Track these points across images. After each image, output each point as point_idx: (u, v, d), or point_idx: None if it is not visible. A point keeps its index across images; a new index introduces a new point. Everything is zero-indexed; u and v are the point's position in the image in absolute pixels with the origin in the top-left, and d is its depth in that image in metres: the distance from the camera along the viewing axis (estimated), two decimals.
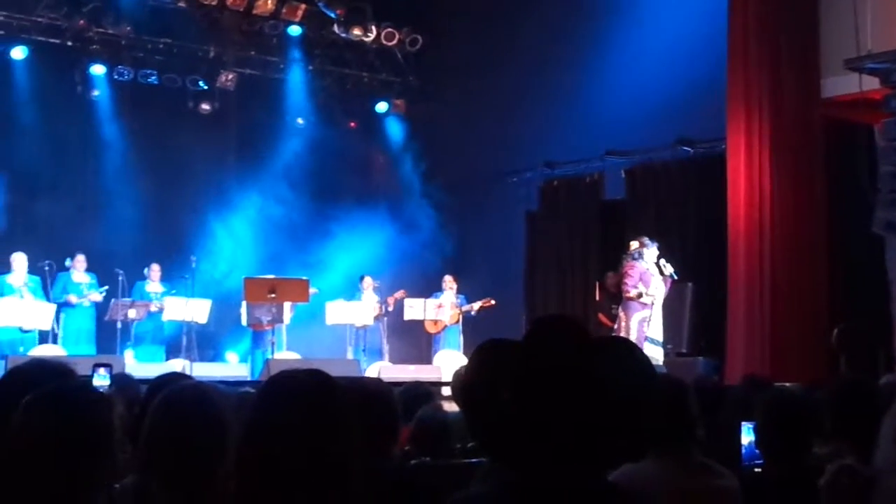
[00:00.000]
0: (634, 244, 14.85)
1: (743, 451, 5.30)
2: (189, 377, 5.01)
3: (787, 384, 8.94)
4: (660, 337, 14.64)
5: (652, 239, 14.73)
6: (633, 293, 14.57)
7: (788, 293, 13.87)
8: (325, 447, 2.41)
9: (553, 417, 2.22)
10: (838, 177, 14.14)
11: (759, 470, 5.06)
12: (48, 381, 2.95)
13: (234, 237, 17.70)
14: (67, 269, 15.59)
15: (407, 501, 3.74)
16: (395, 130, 20.74)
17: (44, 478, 2.62)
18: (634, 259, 14.71)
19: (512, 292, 18.15)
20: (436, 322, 17.09)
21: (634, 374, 2.29)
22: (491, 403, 2.30)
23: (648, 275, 14.60)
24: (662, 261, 14.62)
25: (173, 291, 16.04)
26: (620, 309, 14.88)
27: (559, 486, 2.23)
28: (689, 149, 16.38)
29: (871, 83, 13.28)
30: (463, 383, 2.37)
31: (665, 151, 16.68)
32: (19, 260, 14.99)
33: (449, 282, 17.20)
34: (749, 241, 14.15)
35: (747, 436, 5.26)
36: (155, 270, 16.27)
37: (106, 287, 15.64)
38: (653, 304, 14.64)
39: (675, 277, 14.67)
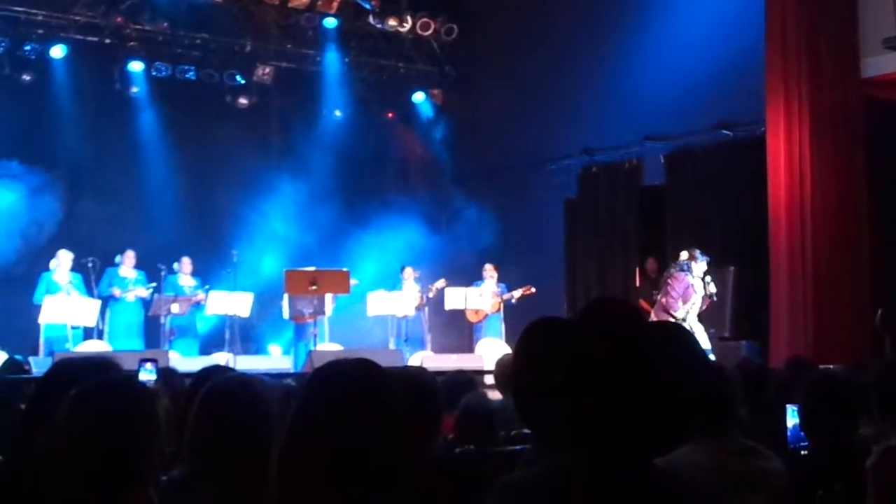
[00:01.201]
0: (684, 255, 14.37)
1: (788, 433, 5.28)
2: (232, 370, 5.04)
3: (832, 366, 8.90)
4: (707, 346, 14.19)
5: (703, 253, 14.33)
6: (679, 314, 14.10)
7: (831, 275, 13.78)
8: (375, 437, 2.39)
9: (605, 400, 2.21)
10: (879, 156, 14.03)
11: (805, 452, 5.04)
12: (93, 375, 2.97)
13: (274, 230, 17.78)
14: (116, 265, 15.71)
15: (452, 489, 3.75)
16: (432, 120, 20.74)
17: (91, 471, 2.64)
18: (683, 270, 14.16)
19: (552, 280, 18.11)
20: (477, 311, 17.09)
21: (686, 358, 2.28)
22: (541, 384, 2.29)
23: (691, 290, 14.03)
24: (708, 278, 14.23)
25: (207, 287, 16.08)
26: (653, 312, 14.48)
27: (607, 470, 2.22)
28: (729, 132, 16.25)
29: None
30: (512, 362, 2.34)
31: (704, 135, 16.55)
32: (65, 257, 15.11)
33: (489, 270, 17.19)
34: (790, 224, 14.06)
35: (792, 418, 5.24)
36: (186, 263, 16.31)
37: (154, 284, 15.74)
38: (685, 319, 14.21)
39: (715, 300, 14.34)
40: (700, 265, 14.11)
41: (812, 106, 14.01)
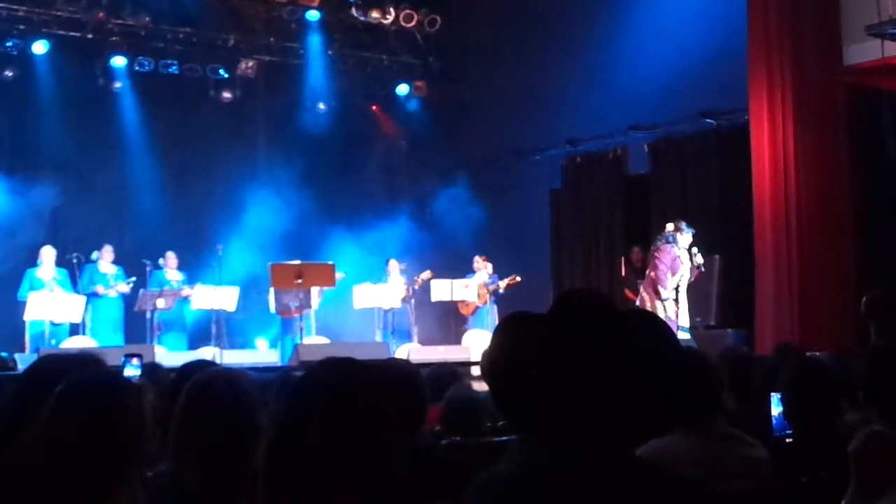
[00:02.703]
0: (670, 226, 14.40)
1: (773, 421, 5.29)
2: (215, 364, 5.04)
3: (817, 353, 8.92)
4: (687, 323, 14.34)
5: (689, 225, 14.38)
6: (668, 287, 14.10)
7: (816, 262, 13.81)
8: (364, 438, 2.39)
9: (579, 391, 2.21)
10: (862, 144, 14.04)
11: (790, 440, 5.05)
12: (77, 371, 2.96)
13: (259, 223, 17.72)
14: (94, 261, 15.66)
15: (437, 481, 3.76)
16: (416, 112, 20.71)
17: (77, 466, 2.64)
18: (669, 242, 14.18)
19: (538, 270, 18.12)
20: (467, 304, 17.06)
21: (660, 347, 2.28)
22: (516, 378, 2.29)
23: (679, 262, 14.09)
24: (694, 249, 14.27)
25: (198, 283, 16.06)
26: (642, 288, 14.57)
27: (586, 462, 2.22)
28: (712, 121, 16.29)
29: (894, 49, 13.19)
30: (488, 358, 2.35)
31: (688, 124, 16.58)
32: (48, 253, 15.09)
33: (480, 262, 17.14)
34: (775, 211, 14.08)
35: (777, 406, 5.25)
36: (171, 258, 16.26)
37: (133, 278, 15.70)
38: (677, 289, 14.30)
39: (703, 270, 14.39)
40: (686, 237, 14.15)
41: (795, 93, 14.03)
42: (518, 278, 16.67)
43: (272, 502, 2.38)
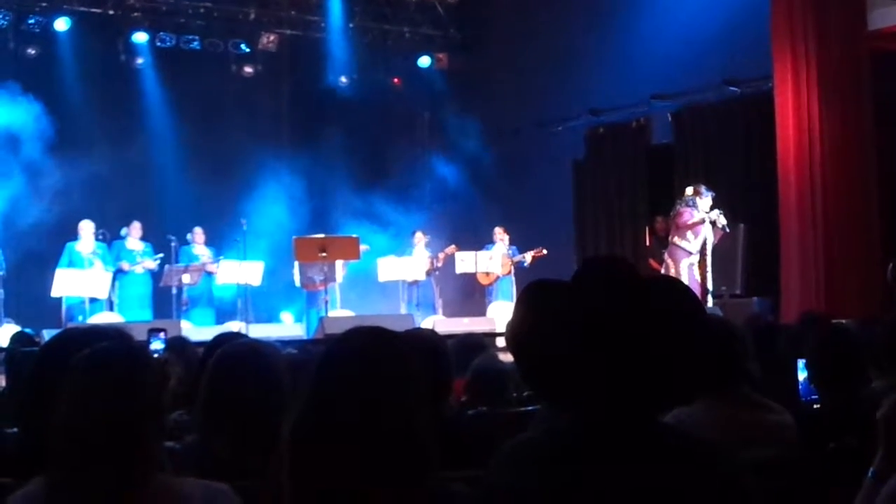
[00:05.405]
0: (689, 190, 14.59)
1: (800, 386, 5.28)
2: (245, 336, 5.05)
3: (843, 321, 8.88)
4: (710, 286, 14.45)
5: (708, 188, 14.48)
6: (692, 248, 14.29)
7: (841, 229, 13.75)
8: (393, 403, 2.40)
9: (604, 360, 2.20)
10: (887, 109, 13.97)
11: (817, 406, 5.04)
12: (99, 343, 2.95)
13: (283, 198, 17.76)
14: (123, 238, 15.73)
15: (464, 451, 3.76)
16: (438, 84, 20.64)
17: (100, 437, 2.63)
18: (688, 206, 14.43)
19: (562, 242, 18.09)
20: (488, 274, 17.07)
21: (684, 314, 2.27)
22: (540, 347, 2.28)
23: (699, 225, 14.36)
24: (716, 211, 14.36)
25: (221, 257, 16.12)
26: (667, 255, 14.72)
27: (611, 431, 2.22)
28: (736, 88, 16.19)
29: None
30: (511, 327, 2.33)
31: (711, 92, 16.50)
32: (86, 228, 15.16)
33: (499, 233, 17.15)
34: (800, 179, 14.03)
35: (803, 372, 5.24)
36: (198, 234, 16.36)
37: (161, 255, 15.75)
38: (703, 253, 14.42)
39: (727, 230, 14.46)
40: (705, 200, 14.38)
41: (819, 59, 13.95)
42: (544, 251, 16.67)
43: (300, 471, 2.39)
